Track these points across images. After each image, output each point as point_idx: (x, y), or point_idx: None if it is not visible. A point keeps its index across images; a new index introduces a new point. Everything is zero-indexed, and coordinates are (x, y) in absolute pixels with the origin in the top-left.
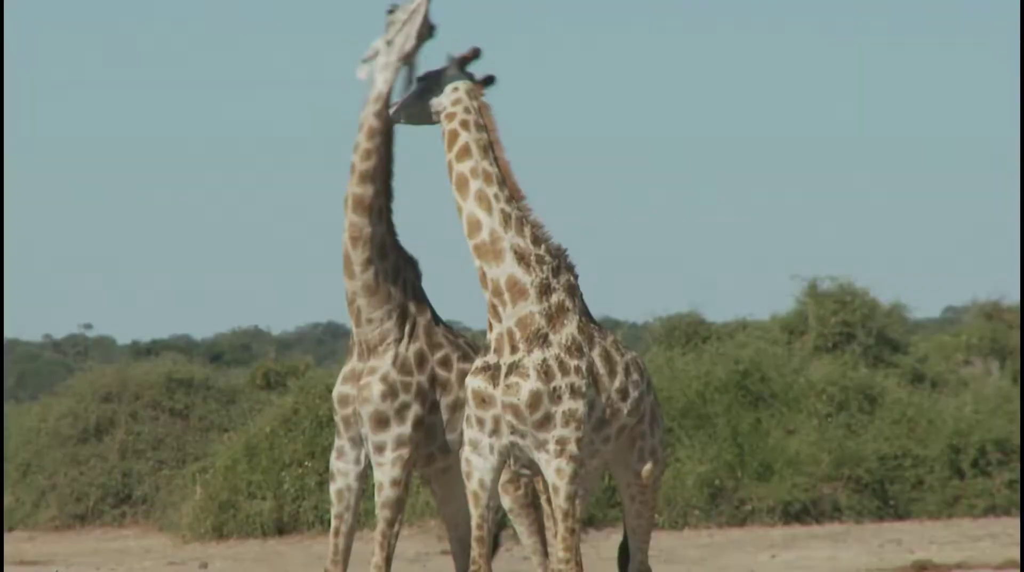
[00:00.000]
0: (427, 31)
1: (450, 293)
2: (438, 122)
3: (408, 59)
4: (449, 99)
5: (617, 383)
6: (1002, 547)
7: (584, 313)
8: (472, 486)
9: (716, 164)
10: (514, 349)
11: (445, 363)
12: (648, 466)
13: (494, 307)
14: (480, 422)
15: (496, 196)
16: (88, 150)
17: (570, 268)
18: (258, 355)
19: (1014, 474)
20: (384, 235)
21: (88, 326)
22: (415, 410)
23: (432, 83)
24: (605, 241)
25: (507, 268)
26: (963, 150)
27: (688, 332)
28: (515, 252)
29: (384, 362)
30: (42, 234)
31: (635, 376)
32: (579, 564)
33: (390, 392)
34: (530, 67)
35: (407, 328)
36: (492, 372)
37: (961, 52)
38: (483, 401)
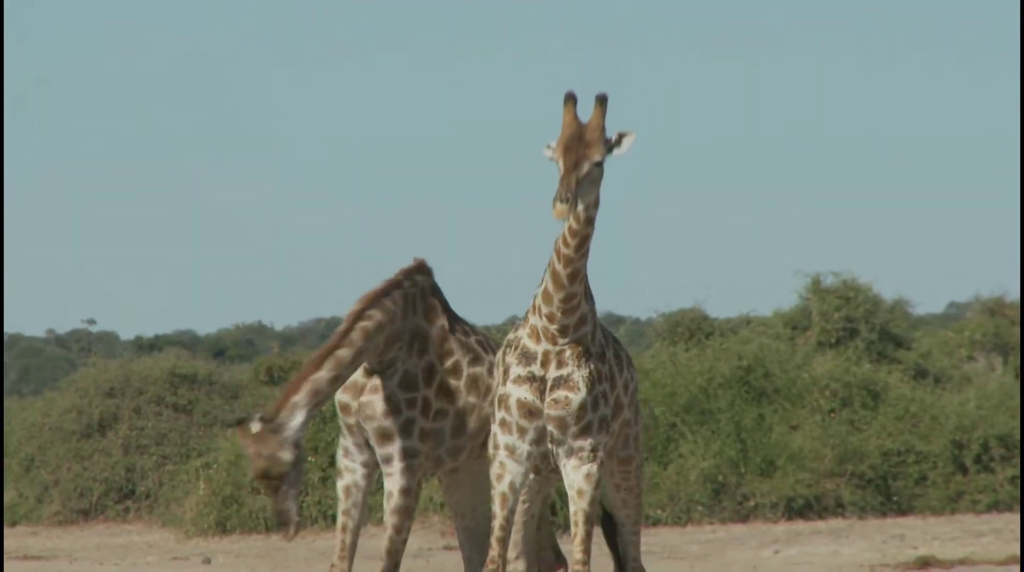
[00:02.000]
0: None
1: (452, 294)
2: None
3: None
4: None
5: (622, 380)
6: (1005, 543)
7: None
8: (502, 488)
9: (719, 160)
10: (561, 364)
11: (455, 371)
12: (631, 452)
13: (554, 337)
14: (522, 431)
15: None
16: (91, 145)
17: None
18: (261, 350)
19: (1017, 470)
20: (383, 322)
21: (92, 321)
22: (420, 423)
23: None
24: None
25: (584, 308)
26: (965, 146)
27: (691, 328)
28: (587, 290)
29: (390, 381)
30: (45, 229)
31: (632, 370)
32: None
33: (393, 409)
34: (526, 62)
35: (416, 346)
36: (538, 384)
37: (963, 49)
38: (530, 413)
